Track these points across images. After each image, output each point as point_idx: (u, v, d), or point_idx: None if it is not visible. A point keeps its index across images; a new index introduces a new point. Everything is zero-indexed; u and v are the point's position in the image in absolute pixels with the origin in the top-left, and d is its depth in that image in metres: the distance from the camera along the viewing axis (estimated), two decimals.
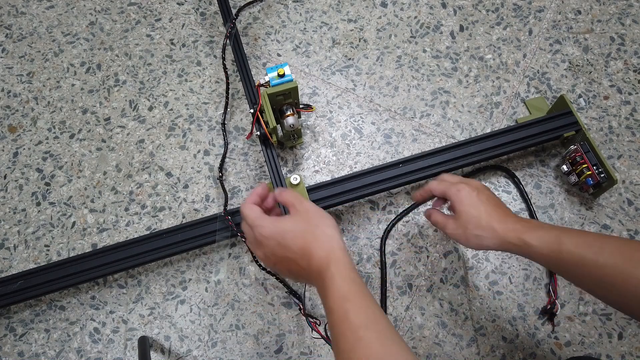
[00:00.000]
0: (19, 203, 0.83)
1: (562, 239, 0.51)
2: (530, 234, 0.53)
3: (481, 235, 0.56)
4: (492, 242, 0.56)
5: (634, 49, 0.90)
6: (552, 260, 0.52)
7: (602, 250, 0.49)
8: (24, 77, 0.93)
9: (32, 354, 0.74)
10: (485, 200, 0.58)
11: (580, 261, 0.50)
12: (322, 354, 0.72)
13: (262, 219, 0.54)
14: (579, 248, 0.50)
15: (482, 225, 0.56)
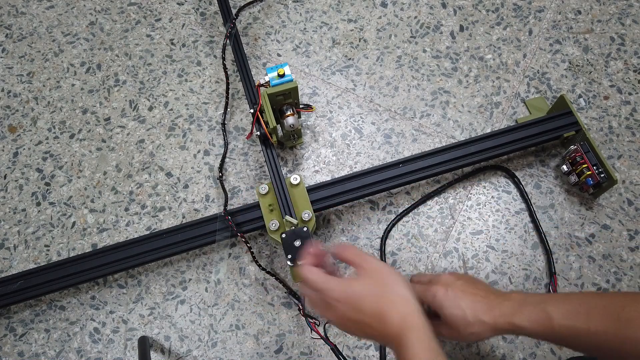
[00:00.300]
0: (19, 203, 0.83)
1: (550, 313, 0.51)
2: (518, 316, 0.52)
3: (475, 332, 0.54)
4: (487, 334, 0.54)
5: (634, 49, 0.90)
6: (547, 335, 0.52)
7: (590, 317, 0.49)
8: (24, 77, 0.93)
9: (32, 354, 0.74)
10: (461, 294, 0.55)
11: (574, 332, 0.49)
12: (322, 354, 0.72)
13: (329, 282, 0.50)
14: (569, 319, 0.50)
15: (470, 322, 0.54)
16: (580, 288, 0.74)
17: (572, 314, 0.50)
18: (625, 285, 0.73)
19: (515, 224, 0.78)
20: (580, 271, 0.75)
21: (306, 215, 0.69)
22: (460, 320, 0.54)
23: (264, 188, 0.72)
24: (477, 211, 0.79)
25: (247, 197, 0.81)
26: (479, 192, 0.80)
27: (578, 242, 0.76)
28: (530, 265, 0.75)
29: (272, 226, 0.69)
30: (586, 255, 0.76)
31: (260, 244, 0.78)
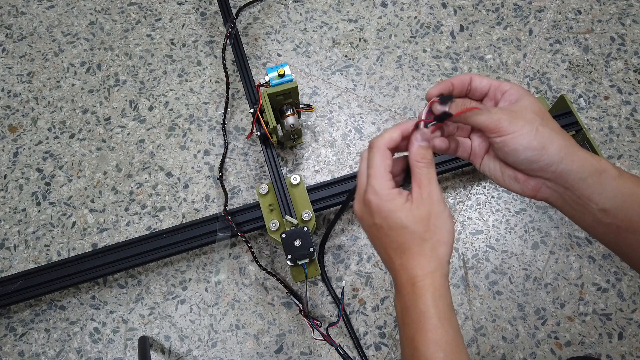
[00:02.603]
0: (19, 203, 0.83)
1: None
2: (605, 160, 0.41)
3: (554, 136, 0.41)
4: (562, 153, 0.40)
5: (634, 49, 0.90)
6: (627, 199, 0.40)
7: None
8: (24, 77, 0.93)
9: (32, 353, 0.74)
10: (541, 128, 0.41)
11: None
12: (322, 354, 0.72)
13: (382, 183, 0.42)
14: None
15: (556, 125, 0.42)
16: (580, 288, 0.74)
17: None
18: (626, 285, 0.73)
19: (515, 224, 0.78)
20: (580, 271, 0.75)
21: (306, 215, 0.69)
22: (546, 117, 0.42)
23: (264, 188, 0.72)
24: (477, 211, 0.79)
25: (247, 197, 0.81)
26: (479, 192, 0.80)
27: (578, 242, 0.76)
28: (530, 265, 0.75)
29: (272, 226, 0.69)
30: (586, 255, 0.76)
31: (260, 244, 0.78)
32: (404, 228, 0.42)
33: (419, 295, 0.41)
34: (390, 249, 0.43)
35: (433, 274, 0.42)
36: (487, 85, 0.44)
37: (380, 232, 0.43)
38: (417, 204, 0.42)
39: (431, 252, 0.42)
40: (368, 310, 0.74)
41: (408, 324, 0.42)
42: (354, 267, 0.76)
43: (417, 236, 0.42)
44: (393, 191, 0.43)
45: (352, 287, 0.75)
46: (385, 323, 0.73)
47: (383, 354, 0.71)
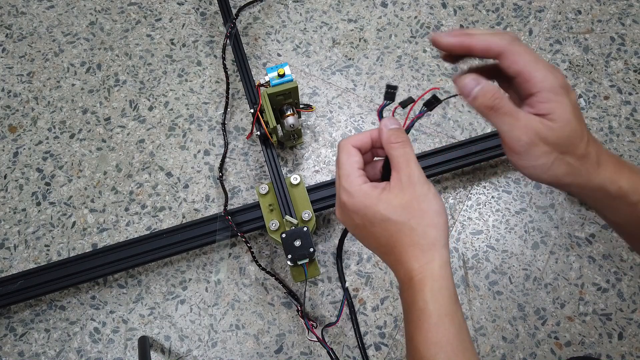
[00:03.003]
0: (19, 203, 0.83)
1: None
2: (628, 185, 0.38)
3: (573, 166, 0.37)
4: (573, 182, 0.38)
5: (634, 49, 0.90)
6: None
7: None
8: (24, 77, 0.93)
9: (32, 353, 0.74)
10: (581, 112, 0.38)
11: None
12: (322, 354, 0.72)
13: (351, 181, 0.39)
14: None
15: (581, 152, 0.37)
16: (580, 288, 0.74)
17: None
18: (626, 285, 0.73)
19: (515, 224, 0.78)
20: (580, 271, 0.75)
21: (306, 215, 0.69)
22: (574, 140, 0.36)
23: (264, 188, 0.72)
24: (477, 211, 0.79)
25: (247, 197, 0.81)
26: (479, 192, 0.80)
27: (578, 242, 0.76)
28: (530, 265, 0.75)
29: (272, 226, 0.69)
30: (586, 255, 0.76)
31: (260, 244, 0.78)
32: (386, 220, 0.38)
33: (417, 290, 0.37)
34: (380, 247, 0.40)
35: (430, 263, 0.38)
36: (515, 74, 0.36)
37: (364, 231, 0.40)
38: (395, 191, 0.38)
39: (423, 239, 0.38)
40: (368, 310, 0.74)
41: (408, 322, 0.39)
42: (354, 267, 0.76)
43: (402, 226, 0.38)
44: (365, 186, 0.39)
45: (352, 287, 0.75)
46: (385, 323, 0.73)
47: (383, 354, 0.71)
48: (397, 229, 0.38)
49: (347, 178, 0.40)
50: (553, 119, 0.36)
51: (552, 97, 0.36)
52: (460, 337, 0.37)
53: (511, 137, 0.36)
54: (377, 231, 0.39)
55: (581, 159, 0.37)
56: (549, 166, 0.37)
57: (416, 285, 0.37)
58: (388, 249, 0.39)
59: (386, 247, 0.39)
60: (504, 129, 0.36)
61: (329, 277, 0.76)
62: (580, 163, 0.37)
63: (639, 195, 0.38)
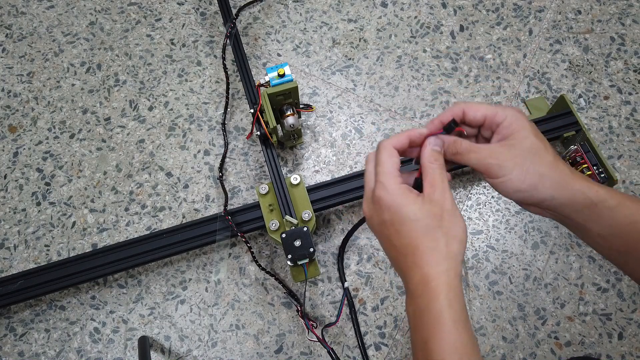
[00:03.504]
0: (19, 203, 0.83)
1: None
2: (604, 190, 0.41)
3: (546, 175, 0.41)
4: (552, 191, 0.41)
5: (634, 49, 0.90)
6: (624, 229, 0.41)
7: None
8: (24, 77, 0.93)
9: (32, 353, 0.74)
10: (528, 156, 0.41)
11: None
12: (322, 354, 0.72)
13: (390, 180, 0.42)
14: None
15: (550, 161, 0.41)
16: (580, 288, 0.74)
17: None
18: (625, 285, 0.73)
19: (515, 224, 0.78)
20: (580, 271, 0.75)
21: (306, 215, 0.69)
22: (538, 150, 0.41)
23: (264, 188, 0.72)
24: (477, 211, 0.79)
25: (247, 197, 0.81)
26: (479, 192, 0.80)
27: (578, 242, 0.76)
28: (530, 265, 0.75)
29: (272, 226, 0.69)
30: (586, 255, 0.76)
31: (260, 244, 0.78)
32: (416, 221, 0.41)
33: (433, 296, 0.39)
34: (402, 246, 0.42)
35: (448, 272, 0.40)
36: (482, 117, 0.44)
37: (390, 229, 0.42)
38: (429, 200, 0.41)
39: (445, 247, 0.40)
40: (368, 310, 0.74)
41: (421, 328, 0.40)
42: (354, 267, 0.76)
43: (430, 230, 0.40)
44: (402, 186, 0.42)
45: (352, 287, 0.75)
46: (385, 323, 0.73)
47: (383, 354, 0.72)
48: (425, 232, 0.40)
49: (386, 175, 0.42)
50: (514, 137, 0.42)
51: (513, 121, 0.42)
52: (471, 343, 0.39)
53: (483, 166, 0.42)
54: (404, 230, 0.41)
55: (552, 168, 0.41)
56: (524, 177, 0.41)
57: (433, 291, 0.39)
58: (409, 249, 0.41)
59: (407, 247, 0.41)
60: (473, 163, 0.43)
61: (329, 277, 0.76)
62: (553, 172, 0.41)
63: (615, 199, 0.41)
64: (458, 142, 0.44)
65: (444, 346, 0.38)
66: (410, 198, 0.41)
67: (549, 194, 0.42)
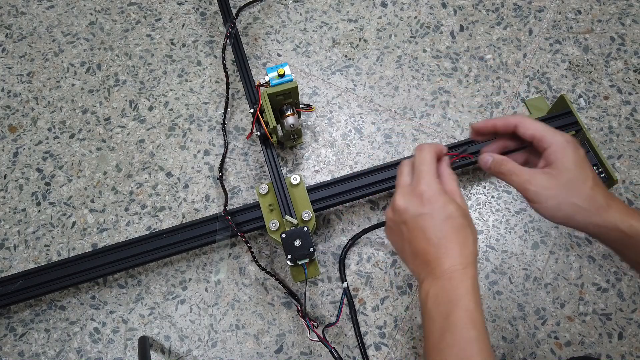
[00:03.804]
0: (19, 203, 0.83)
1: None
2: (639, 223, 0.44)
3: (581, 206, 0.44)
4: (587, 221, 0.45)
5: (634, 49, 0.90)
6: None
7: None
8: (24, 77, 0.93)
9: (32, 353, 0.74)
10: (588, 163, 0.45)
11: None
12: (323, 354, 0.72)
13: (434, 178, 0.47)
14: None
15: (586, 194, 0.44)
16: (580, 288, 0.74)
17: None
18: (625, 285, 0.73)
19: (515, 224, 0.78)
20: (580, 271, 0.75)
21: (306, 215, 0.69)
22: (577, 183, 0.45)
23: (264, 188, 0.72)
24: (477, 211, 0.79)
25: (247, 197, 0.81)
26: (479, 192, 0.80)
27: (578, 242, 0.76)
28: (530, 265, 0.75)
29: (272, 226, 0.69)
30: (586, 255, 0.76)
31: (260, 244, 0.78)
32: (456, 218, 0.46)
33: (461, 280, 0.44)
34: (436, 238, 0.46)
35: (473, 264, 0.45)
36: (530, 137, 0.48)
37: (428, 221, 0.46)
38: (459, 203, 0.47)
39: (472, 245, 0.46)
40: (368, 310, 0.74)
41: (445, 304, 0.44)
42: (354, 267, 0.76)
43: (463, 227, 0.46)
44: (440, 186, 0.48)
45: (352, 287, 0.75)
46: (385, 323, 0.73)
47: (383, 354, 0.72)
48: (459, 228, 0.46)
49: (430, 174, 0.48)
50: (555, 167, 0.46)
51: (559, 149, 0.46)
52: (484, 327, 0.44)
53: (521, 189, 0.47)
54: (442, 224, 0.46)
55: (588, 200, 0.45)
56: (558, 207, 0.45)
57: (460, 276, 0.44)
58: (443, 241, 0.45)
59: (442, 239, 0.45)
60: (514, 185, 0.48)
61: (329, 277, 0.76)
62: (588, 204, 0.44)
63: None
64: (504, 163, 0.49)
65: (465, 319, 0.42)
66: (449, 197, 0.47)
67: (582, 225, 0.46)
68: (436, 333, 0.44)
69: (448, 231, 0.46)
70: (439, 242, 0.46)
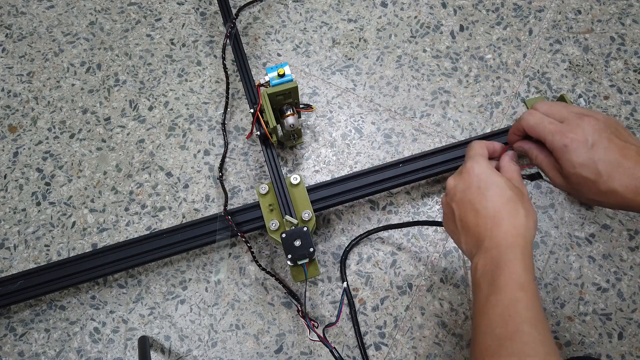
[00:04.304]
0: (19, 203, 0.83)
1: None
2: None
3: (602, 201, 0.46)
4: (616, 205, 0.46)
5: (634, 49, 0.90)
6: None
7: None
8: (24, 77, 0.93)
9: (32, 353, 0.74)
10: (604, 150, 0.45)
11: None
12: (323, 354, 0.72)
13: (482, 157, 0.51)
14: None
15: (600, 190, 0.45)
16: (580, 288, 0.74)
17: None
18: (625, 285, 0.73)
19: None
20: (580, 271, 0.75)
21: (306, 215, 0.69)
22: (587, 183, 0.46)
23: (264, 188, 0.72)
24: None
25: (247, 197, 0.81)
26: None
27: (578, 242, 0.76)
28: None
29: (272, 226, 0.69)
30: (586, 255, 0.76)
31: (260, 244, 0.78)
32: (503, 189, 0.48)
33: (509, 247, 0.45)
34: (484, 209, 0.47)
35: (525, 236, 0.46)
36: (537, 136, 0.53)
37: (475, 192, 0.48)
38: (511, 182, 0.49)
39: (525, 219, 0.46)
40: (368, 310, 0.74)
41: (490, 271, 0.45)
42: (354, 267, 0.76)
43: (512, 201, 0.47)
44: (490, 165, 0.50)
45: (352, 287, 0.75)
46: (385, 323, 0.73)
47: (383, 354, 0.72)
48: (508, 200, 0.47)
49: (478, 155, 0.51)
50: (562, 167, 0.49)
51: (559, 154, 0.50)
52: (536, 290, 0.46)
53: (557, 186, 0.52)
54: (490, 194, 0.48)
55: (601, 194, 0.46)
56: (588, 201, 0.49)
57: (508, 245, 0.45)
58: (491, 212, 0.47)
59: (490, 210, 0.47)
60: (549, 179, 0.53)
61: (329, 277, 0.76)
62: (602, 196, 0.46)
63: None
64: (538, 156, 0.54)
65: (510, 281, 0.43)
66: (498, 173, 0.49)
67: (616, 207, 0.47)
68: (482, 299, 0.44)
69: (497, 202, 0.47)
70: (487, 214, 0.47)
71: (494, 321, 0.43)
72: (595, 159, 0.45)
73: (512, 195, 0.47)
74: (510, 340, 0.41)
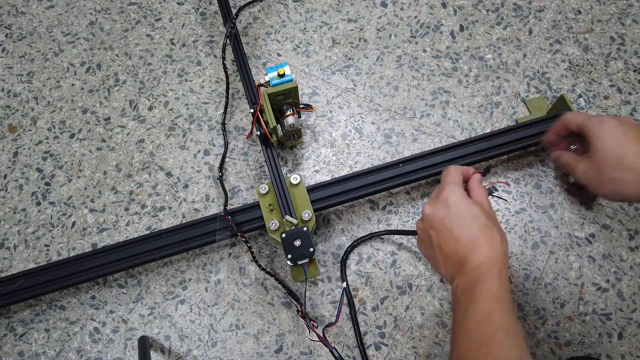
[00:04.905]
0: (19, 203, 0.83)
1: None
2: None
3: (619, 178, 0.49)
4: (633, 188, 0.49)
5: (634, 49, 0.90)
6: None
7: None
8: (24, 77, 0.93)
9: (32, 353, 0.74)
10: (634, 138, 0.49)
11: None
12: (322, 353, 0.72)
13: (457, 186, 0.54)
14: None
15: (623, 165, 0.49)
16: (580, 288, 0.74)
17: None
18: (625, 285, 0.73)
19: (515, 224, 0.78)
20: (580, 271, 0.75)
21: (306, 215, 0.69)
22: (611, 158, 0.50)
23: (264, 188, 0.72)
24: None
25: (247, 197, 0.81)
26: None
27: (578, 241, 0.76)
28: (530, 265, 0.75)
29: (272, 226, 0.69)
30: (586, 255, 0.76)
31: (260, 244, 0.78)
32: (480, 217, 0.51)
33: (487, 269, 0.47)
34: (463, 237, 0.50)
35: (501, 259, 0.49)
36: (577, 129, 0.58)
37: (454, 221, 0.51)
38: (485, 208, 0.53)
39: (500, 244, 0.50)
40: (368, 310, 0.74)
41: (471, 289, 0.47)
42: (354, 267, 0.76)
43: (489, 227, 0.50)
44: (464, 193, 0.53)
45: (352, 287, 0.75)
46: (385, 323, 0.73)
47: (383, 354, 0.72)
48: (485, 227, 0.50)
49: (455, 183, 0.54)
50: (592, 149, 0.54)
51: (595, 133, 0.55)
52: (511, 304, 0.48)
53: (574, 177, 0.60)
54: (468, 223, 0.51)
55: (629, 172, 0.50)
56: (601, 185, 0.53)
57: (487, 267, 0.48)
58: (470, 239, 0.50)
59: (469, 238, 0.50)
60: (571, 174, 0.62)
61: (329, 277, 0.76)
62: (630, 175, 0.49)
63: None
64: (560, 156, 0.63)
65: (487, 295, 0.46)
66: (472, 201, 0.52)
67: (633, 196, 0.52)
68: (461, 311, 0.47)
69: (474, 229, 0.50)
70: (466, 240, 0.49)
71: (471, 328, 0.45)
72: (627, 136, 0.50)
73: (487, 222, 0.50)
74: (487, 346, 0.44)
